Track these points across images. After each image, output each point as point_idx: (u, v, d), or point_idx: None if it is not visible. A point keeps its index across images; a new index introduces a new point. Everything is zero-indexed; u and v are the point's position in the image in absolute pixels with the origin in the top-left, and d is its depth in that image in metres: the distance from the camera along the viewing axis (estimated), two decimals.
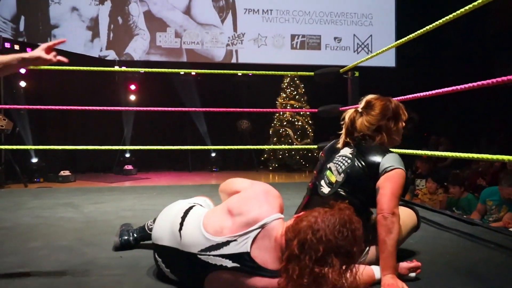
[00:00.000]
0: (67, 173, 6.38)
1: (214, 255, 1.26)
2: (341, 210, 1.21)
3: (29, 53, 1.39)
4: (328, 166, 1.70)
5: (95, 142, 5.25)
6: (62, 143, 5.30)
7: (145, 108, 4.75)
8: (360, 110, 1.73)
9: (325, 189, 1.67)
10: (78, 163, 7.32)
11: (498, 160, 1.88)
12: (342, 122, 1.76)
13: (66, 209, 2.81)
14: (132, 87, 7.99)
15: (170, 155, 7.99)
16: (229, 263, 1.25)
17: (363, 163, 1.61)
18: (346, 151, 1.69)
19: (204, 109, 5.94)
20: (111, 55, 7.85)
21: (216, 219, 1.33)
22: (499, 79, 1.91)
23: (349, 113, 1.75)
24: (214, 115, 7.92)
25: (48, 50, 1.40)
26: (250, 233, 1.25)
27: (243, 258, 1.24)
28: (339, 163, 1.67)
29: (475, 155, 2.09)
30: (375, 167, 1.58)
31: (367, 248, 1.56)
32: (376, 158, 1.60)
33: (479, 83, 2.02)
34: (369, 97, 1.75)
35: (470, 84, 2.10)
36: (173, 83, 8.13)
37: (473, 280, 1.53)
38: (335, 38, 8.53)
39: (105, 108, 4.43)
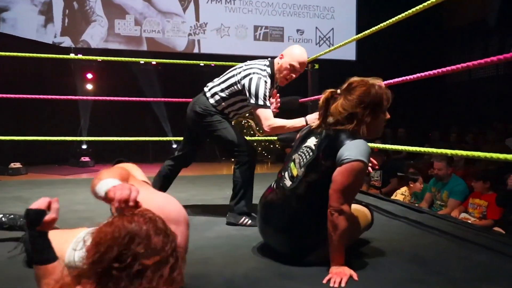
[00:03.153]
0: (17, 165, 6.08)
1: None
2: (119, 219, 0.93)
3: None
4: (293, 157, 1.63)
5: (49, 133, 5.01)
6: (13, 134, 5.03)
7: (102, 98, 4.60)
8: (338, 91, 1.57)
9: (288, 182, 1.61)
10: (31, 155, 6.98)
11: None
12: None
13: (14, 204, 2.68)
14: (89, 75, 7.69)
15: (130, 146, 7.79)
16: None
17: (324, 157, 1.50)
18: (312, 141, 1.58)
19: (165, 99, 5.81)
20: (66, 42, 7.50)
21: None
22: (449, 68, 2.00)
23: (326, 93, 1.58)
24: (176, 105, 7.77)
25: None
26: None
27: None
28: (302, 155, 1.58)
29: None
30: (334, 159, 1.47)
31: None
32: (337, 147, 1.47)
33: (429, 72, 2.12)
34: (354, 78, 1.57)
35: (420, 74, 2.19)
36: (133, 73, 7.90)
37: (417, 265, 1.61)
38: (297, 31, 8.59)
39: (59, 97, 4.24)
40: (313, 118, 2.10)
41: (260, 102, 2.22)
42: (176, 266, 0.90)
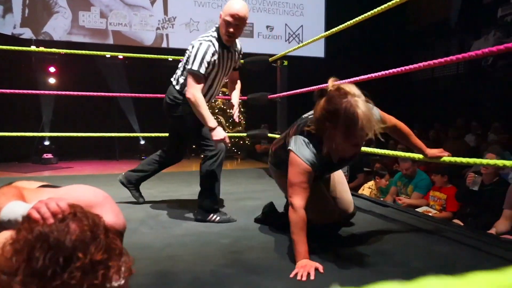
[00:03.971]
0: None
1: None
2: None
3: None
4: None
5: (9, 128, 4.80)
6: None
7: (65, 92, 4.43)
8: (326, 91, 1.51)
9: None
10: None
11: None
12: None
13: None
14: (52, 69, 7.39)
15: (95, 142, 7.55)
16: None
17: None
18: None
19: (132, 94, 5.67)
20: (27, 33, 7.16)
21: None
22: (412, 66, 2.07)
23: (321, 90, 1.53)
24: (143, 101, 7.62)
25: None
26: None
27: None
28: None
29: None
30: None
31: None
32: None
33: (394, 70, 2.18)
34: (340, 84, 1.50)
35: (385, 72, 2.26)
36: (98, 67, 7.66)
37: (381, 257, 1.66)
38: (267, 27, 8.60)
39: (19, 91, 4.06)
40: (219, 131, 2.19)
41: (195, 67, 2.19)
42: (111, 243, 0.85)
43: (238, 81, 2.66)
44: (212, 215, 2.26)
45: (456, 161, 1.79)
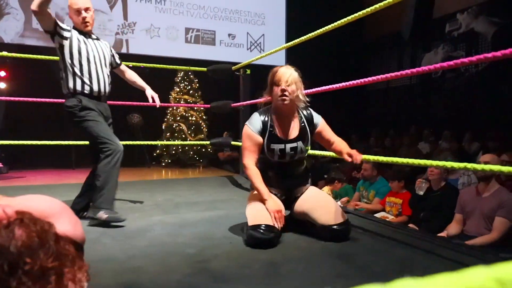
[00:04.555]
0: None
1: None
2: None
3: None
4: None
5: None
6: None
7: (17, 98, 4.22)
8: None
9: None
10: None
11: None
12: None
13: None
14: (2, 73, 7.01)
15: (50, 151, 7.21)
16: None
17: None
18: None
19: None
20: None
21: None
22: (370, 78, 2.17)
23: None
24: None
25: None
26: None
27: None
28: None
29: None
30: None
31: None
32: None
33: (352, 82, 2.27)
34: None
35: (344, 84, 2.35)
36: (54, 71, 7.35)
37: (344, 261, 1.72)
38: (229, 35, 8.65)
39: None
40: None
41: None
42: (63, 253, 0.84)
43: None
44: (102, 212, 2.27)
45: (408, 162, 1.90)
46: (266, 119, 2.08)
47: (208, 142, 4.95)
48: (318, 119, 2.18)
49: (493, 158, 2.88)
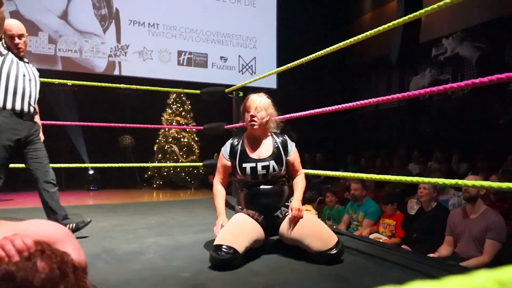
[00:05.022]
0: None
1: None
2: None
3: None
4: None
5: None
6: None
7: None
8: None
9: None
10: None
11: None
12: None
13: None
14: None
15: None
16: None
17: None
18: None
19: (81, 123, 5.49)
20: None
21: None
22: (361, 102, 2.23)
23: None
24: (93, 129, 7.38)
25: None
26: None
27: None
28: None
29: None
30: None
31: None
32: None
33: (343, 106, 2.33)
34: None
35: (335, 107, 2.40)
36: (45, 93, 7.33)
37: (340, 283, 1.72)
38: (221, 58, 8.78)
39: None
40: None
41: None
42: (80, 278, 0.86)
43: None
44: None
45: (397, 179, 1.93)
46: (236, 142, 2.26)
47: (200, 164, 4.95)
48: (291, 147, 2.26)
49: (477, 179, 2.93)
